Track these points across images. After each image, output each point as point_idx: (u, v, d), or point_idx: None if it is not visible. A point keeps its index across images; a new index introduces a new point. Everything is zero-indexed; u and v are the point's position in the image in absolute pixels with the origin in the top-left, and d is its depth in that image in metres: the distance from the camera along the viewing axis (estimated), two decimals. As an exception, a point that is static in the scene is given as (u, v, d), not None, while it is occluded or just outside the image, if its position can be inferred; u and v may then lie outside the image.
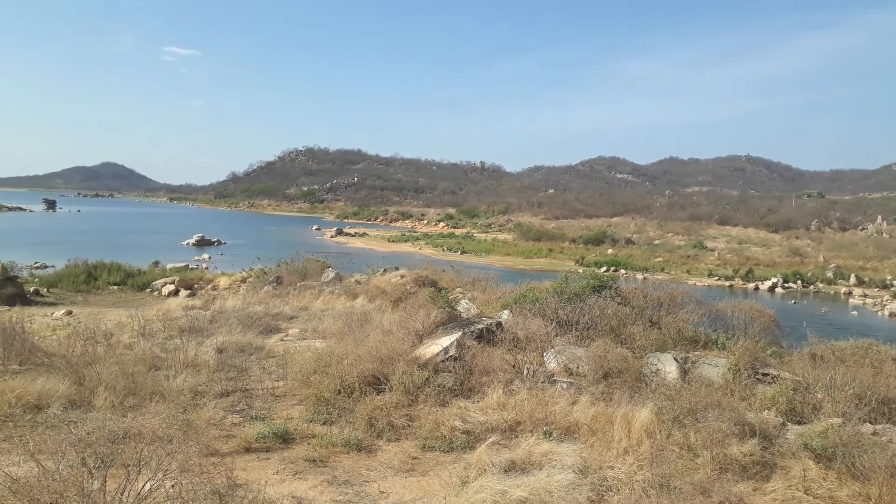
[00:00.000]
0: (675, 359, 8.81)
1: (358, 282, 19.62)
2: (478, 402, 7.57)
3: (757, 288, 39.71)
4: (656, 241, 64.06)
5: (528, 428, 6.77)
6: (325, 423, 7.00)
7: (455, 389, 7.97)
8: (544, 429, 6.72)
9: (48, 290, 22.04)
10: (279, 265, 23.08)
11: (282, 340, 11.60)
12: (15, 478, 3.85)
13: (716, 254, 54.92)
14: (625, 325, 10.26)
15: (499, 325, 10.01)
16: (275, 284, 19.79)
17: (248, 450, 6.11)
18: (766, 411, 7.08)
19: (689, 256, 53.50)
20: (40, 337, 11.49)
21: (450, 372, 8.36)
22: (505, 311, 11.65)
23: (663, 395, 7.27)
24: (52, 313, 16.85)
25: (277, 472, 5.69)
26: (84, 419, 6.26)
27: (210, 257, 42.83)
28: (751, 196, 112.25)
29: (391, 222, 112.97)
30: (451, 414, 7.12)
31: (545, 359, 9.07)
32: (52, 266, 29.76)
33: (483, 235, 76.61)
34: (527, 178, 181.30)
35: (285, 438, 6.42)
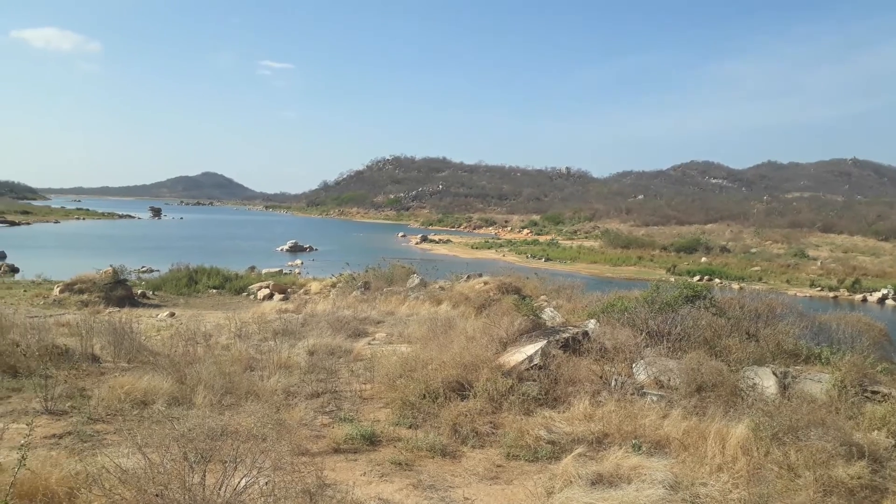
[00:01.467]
0: (774, 373, 8.34)
1: (442, 288, 19.78)
2: (563, 412, 7.45)
3: (865, 300, 37.13)
4: (753, 250, 61.08)
5: (616, 440, 6.59)
6: (410, 427, 7.09)
7: (540, 399, 7.87)
8: (633, 442, 6.52)
9: (153, 293, 23.53)
10: (367, 271, 23.63)
11: (369, 344, 11.84)
12: (124, 469, 4.13)
13: (818, 263, 51.71)
14: (719, 337, 9.82)
15: (585, 334, 9.81)
16: (363, 289, 20.26)
17: (336, 450, 6.27)
18: (876, 432, 6.57)
19: (788, 265, 50.68)
20: (146, 337, 12.26)
21: (534, 381, 8.27)
22: (592, 321, 11.42)
23: (761, 410, 6.89)
24: (157, 315, 17.94)
25: (365, 473, 5.80)
26: (185, 416, 6.61)
27: (302, 263, 44.45)
28: (857, 202, 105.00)
29: (474, 229, 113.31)
30: (535, 423, 7.03)
31: (634, 370, 8.81)
32: (158, 270, 31.74)
33: (568, 242, 75.53)
34: (615, 183, 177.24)
35: (372, 441, 6.55)
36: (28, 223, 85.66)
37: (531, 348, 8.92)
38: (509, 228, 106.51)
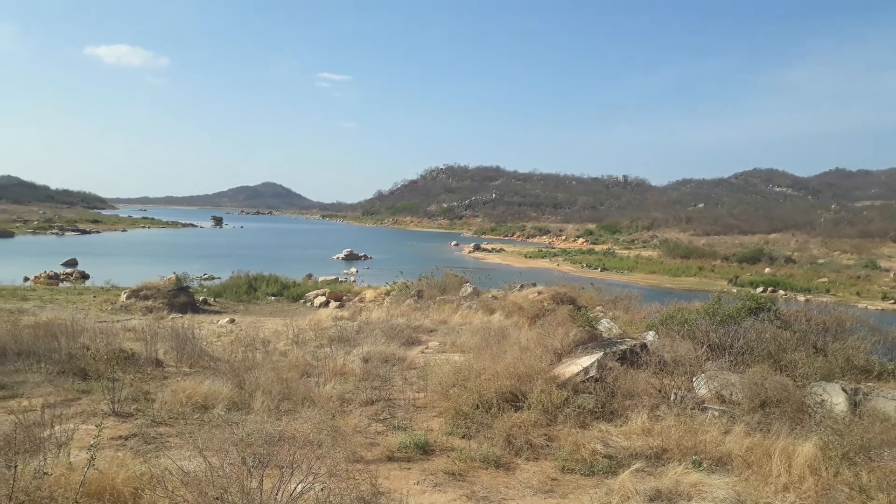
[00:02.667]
0: (844, 389, 7.95)
1: (495, 297, 19.69)
2: (620, 426, 7.27)
3: (945, 314, 35.05)
4: (820, 260, 58.66)
5: (676, 456, 6.39)
6: (463, 437, 7.05)
7: (596, 411, 7.71)
8: (693, 458, 6.30)
9: (214, 300, 24.22)
10: (420, 279, 23.75)
11: (422, 352, 11.87)
12: (186, 471, 4.24)
13: (891, 275, 49.16)
14: (785, 351, 9.43)
15: (643, 346, 9.58)
16: (416, 298, 20.36)
17: (390, 458, 6.28)
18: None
19: (858, 277, 48.42)
20: (207, 342, 12.61)
21: (590, 393, 8.11)
22: (650, 332, 11.15)
23: (830, 428, 6.57)
24: (218, 321, 18.42)
25: (418, 482, 5.79)
26: (244, 420, 6.75)
27: (357, 271, 45.03)
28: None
29: (528, 238, 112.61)
30: (591, 436, 6.89)
31: (694, 384, 8.54)
32: (219, 277, 32.65)
33: (625, 252, 74.18)
34: (674, 191, 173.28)
35: (425, 450, 6.53)
36: (98, 231, 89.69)
37: (587, 360, 8.76)
38: (564, 237, 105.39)
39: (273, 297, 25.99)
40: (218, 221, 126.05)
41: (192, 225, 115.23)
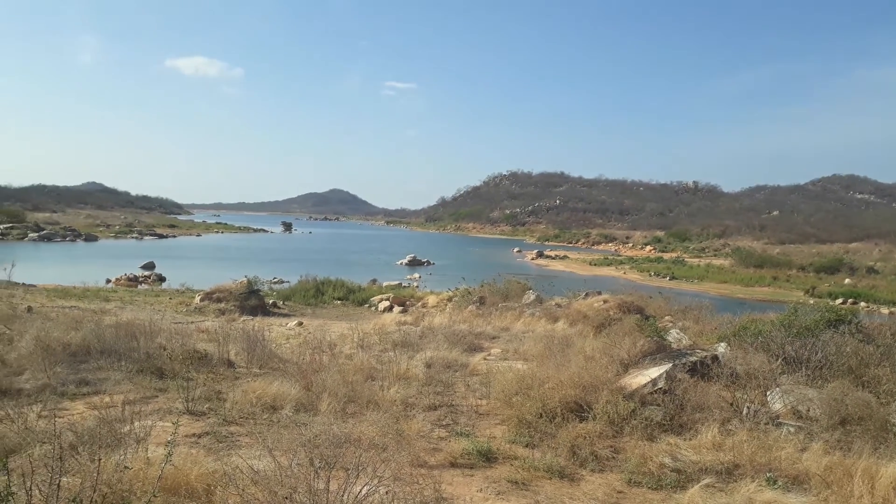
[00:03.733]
0: (935, 409, 7.46)
1: (559, 305, 19.47)
2: (689, 439, 7.04)
3: None
4: (907, 271, 55.26)
5: (748, 472, 6.14)
6: (526, 446, 6.99)
7: (664, 424, 7.50)
8: (767, 475, 6.04)
9: (283, 303, 24.89)
10: (482, 286, 23.73)
11: (485, 359, 11.85)
12: (256, 470, 4.37)
13: None
14: (867, 366, 8.93)
15: (714, 358, 9.27)
16: (478, 304, 20.36)
17: (453, 464, 6.28)
18: None
19: (950, 289, 45.31)
20: (276, 344, 12.97)
21: (658, 405, 7.90)
22: (721, 344, 10.77)
23: (919, 450, 6.18)
24: (287, 324, 18.92)
25: (481, 490, 5.77)
26: (311, 422, 6.90)
27: (420, 276, 45.38)
28: None
29: (593, 245, 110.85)
30: (659, 450, 6.70)
31: (768, 398, 8.19)
32: (287, 281, 33.53)
33: (695, 260, 71.99)
34: (746, 198, 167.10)
35: (488, 457, 6.51)
36: (174, 236, 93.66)
37: (655, 371, 8.54)
38: (630, 245, 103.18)
39: (339, 301, 26.51)
40: (287, 227, 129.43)
41: (263, 230, 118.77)
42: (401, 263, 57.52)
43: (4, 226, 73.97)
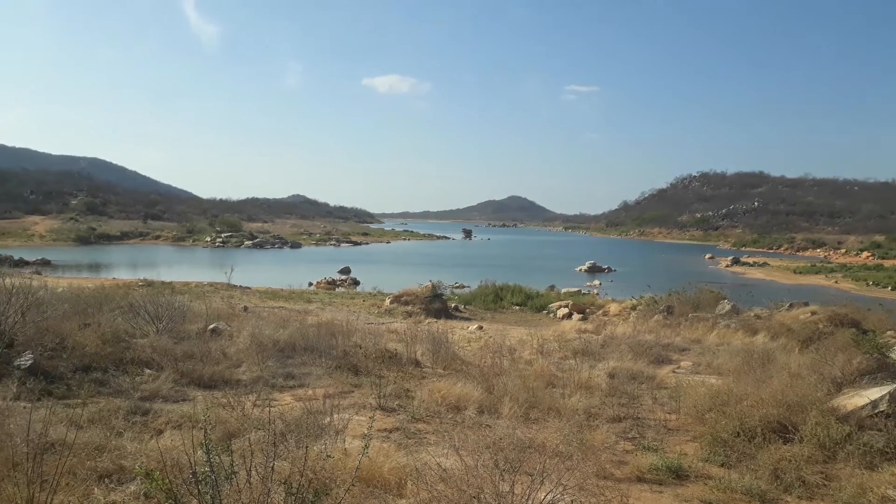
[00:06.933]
0: None
1: (758, 316, 17.91)
2: (920, 472, 6.11)
3: None
4: None
5: None
6: (722, 465, 6.51)
7: (887, 452, 6.58)
8: None
9: (464, 307, 25.64)
10: (669, 294, 22.55)
11: (673, 372, 11.25)
12: (444, 468, 4.53)
13: None
14: None
15: (953, 381, 7.96)
16: (665, 314, 19.37)
17: (640, 479, 6.04)
18: None
19: None
20: (459, 347, 13.38)
21: (879, 430, 6.95)
22: (962, 365, 9.21)
23: None
24: (467, 327, 19.45)
25: (671, 508, 5.48)
26: (495, 424, 7.02)
27: (600, 283, 44.23)
28: None
29: (797, 251, 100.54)
30: (881, 480, 5.89)
31: None
32: (468, 286, 34.52)
33: (925, 268, 62.35)
34: None
35: (679, 474, 6.16)
36: (367, 243, 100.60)
37: (875, 392, 7.54)
38: (843, 251, 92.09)
39: (517, 307, 26.71)
40: (468, 234, 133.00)
41: (446, 237, 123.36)
42: (580, 270, 56.46)
43: (225, 234, 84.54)
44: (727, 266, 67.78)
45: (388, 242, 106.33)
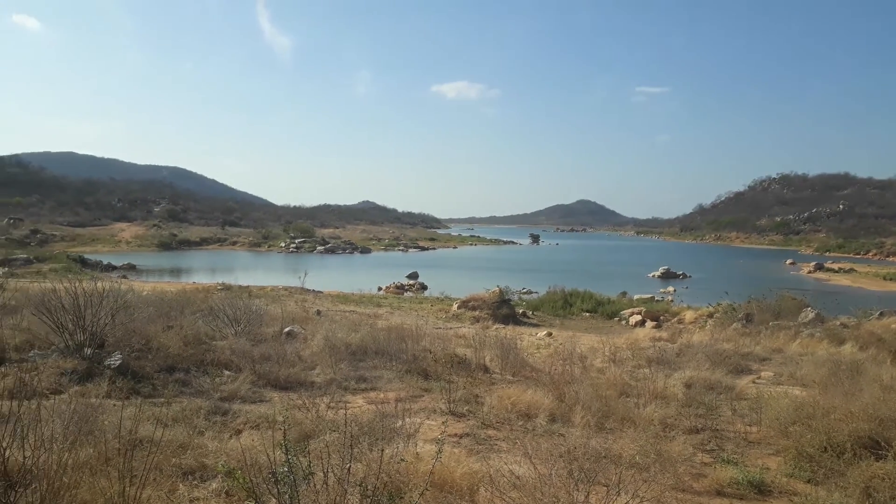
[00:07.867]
0: None
1: (844, 325, 16.99)
2: None
3: None
4: None
5: None
6: (808, 482, 6.19)
7: None
8: None
9: (532, 313, 25.43)
10: (749, 301, 21.68)
11: (753, 382, 10.80)
12: (516, 475, 4.49)
13: None
14: None
15: None
16: (744, 322, 18.64)
17: (719, 493, 5.81)
18: None
19: None
20: (528, 353, 13.26)
21: None
22: None
23: None
24: (536, 333, 19.25)
25: (753, 525, 5.25)
26: (567, 434, 6.91)
27: (674, 290, 42.90)
28: None
29: (888, 257, 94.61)
30: None
31: None
32: (536, 292, 34.17)
33: None
34: None
35: (761, 489, 5.89)
36: (434, 248, 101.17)
37: (980, 409, 7.01)
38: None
39: (587, 313, 26.27)
40: (535, 239, 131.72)
41: (512, 242, 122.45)
42: (653, 276, 54.96)
43: (299, 240, 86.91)
44: (810, 272, 64.48)
45: (455, 248, 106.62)
